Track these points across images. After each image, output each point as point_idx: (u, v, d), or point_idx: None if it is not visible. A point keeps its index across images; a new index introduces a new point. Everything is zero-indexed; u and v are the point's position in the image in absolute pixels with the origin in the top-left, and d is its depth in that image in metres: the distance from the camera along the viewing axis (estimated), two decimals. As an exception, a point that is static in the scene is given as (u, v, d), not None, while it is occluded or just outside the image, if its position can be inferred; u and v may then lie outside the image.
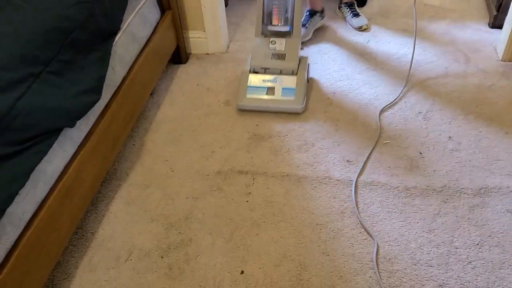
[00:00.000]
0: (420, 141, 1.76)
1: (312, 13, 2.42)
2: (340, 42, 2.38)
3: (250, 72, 1.97)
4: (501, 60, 2.14)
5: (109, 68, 1.55)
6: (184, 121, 1.94)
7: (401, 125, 1.84)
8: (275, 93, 1.91)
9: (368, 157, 1.70)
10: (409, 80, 2.07)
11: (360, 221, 1.48)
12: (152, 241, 1.47)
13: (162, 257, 1.42)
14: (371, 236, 1.43)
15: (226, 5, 2.77)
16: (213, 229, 1.49)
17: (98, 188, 1.52)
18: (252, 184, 1.63)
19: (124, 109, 1.65)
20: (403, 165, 1.66)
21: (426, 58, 2.21)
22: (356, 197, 1.56)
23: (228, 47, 2.40)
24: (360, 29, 2.46)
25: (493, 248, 1.37)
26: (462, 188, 1.56)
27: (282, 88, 1.91)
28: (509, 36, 2.07)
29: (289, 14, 1.96)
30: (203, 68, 2.25)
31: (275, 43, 1.98)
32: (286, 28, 1.97)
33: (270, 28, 1.99)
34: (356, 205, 1.53)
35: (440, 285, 1.29)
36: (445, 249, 1.39)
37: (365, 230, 1.45)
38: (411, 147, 1.73)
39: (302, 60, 1.99)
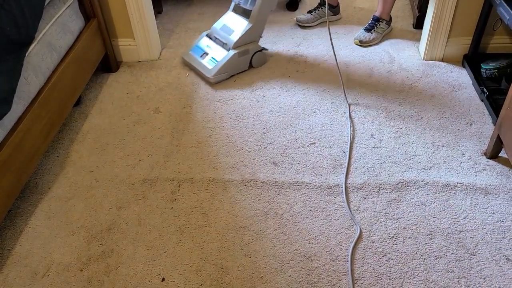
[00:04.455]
0: (344, 140, 1.81)
1: (322, 4, 2.55)
2: (274, 42, 2.41)
3: (205, 35, 2.26)
4: (423, 59, 2.24)
5: (22, 79, 1.51)
6: (112, 130, 1.91)
7: (327, 125, 1.89)
8: (205, 59, 2.16)
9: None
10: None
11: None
12: (72, 255, 1.43)
13: (81, 270, 1.39)
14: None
15: (160, 12, 2.76)
16: (135, 238, 1.48)
17: (12, 203, 1.47)
18: (178, 190, 1.63)
19: (42, 121, 1.61)
20: (327, 165, 1.71)
21: (354, 59, 2.28)
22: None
23: (160, 54, 2.38)
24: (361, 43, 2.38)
25: (407, 240, 1.43)
26: (381, 184, 1.62)
27: (211, 57, 2.14)
28: (428, 36, 2.16)
29: None
30: (134, 76, 2.23)
31: (236, 20, 2.17)
32: (246, 5, 2.12)
33: (235, 1, 2.20)
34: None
35: (356, 279, 1.33)
36: (363, 243, 1.43)
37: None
38: (335, 146, 1.78)
39: (251, 47, 2.15)
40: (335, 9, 2.56)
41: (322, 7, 2.53)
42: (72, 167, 1.74)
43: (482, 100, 1.95)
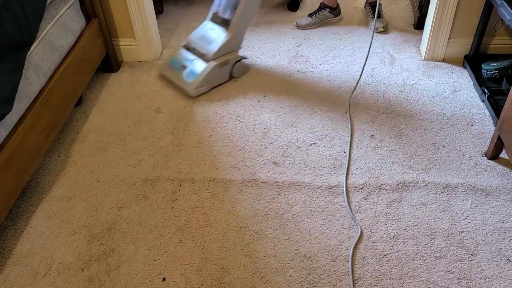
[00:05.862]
0: (344, 140, 1.81)
1: (322, 7, 2.54)
2: (275, 42, 2.41)
3: (182, 46, 2.15)
4: (424, 60, 2.24)
5: (23, 78, 1.51)
6: (113, 130, 1.91)
7: (328, 125, 1.89)
8: (183, 72, 2.04)
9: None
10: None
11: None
12: (73, 254, 1.44)
13: (82, 270, 1.39)
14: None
15: (161, 12, 2.76)
16: (136, 238, 1.48)
17: (13, 202, 1.47)
18: (179, 190, 1.63)
19: (43, 121, 1.61)
20: (327, 165, 1.71)
21: (355, 59, 2.28)
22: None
23: (161, 54, 2.39)
24: (376, 30, 2.47)
25: (407, 240, 1.43)
26: (381, 184, 1.62)
27: (190, 70, 2.03)
28: (429, 36, 2.16)
29: (231, 7, 2.04)
30: (135, 76, 2.23)
31: (214, 30, 2.09)
32: (225, 15, 2.06)
33: (213, 10, 2.13)
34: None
35: (356, 279, 1.33)
36: (363, 244, 1.43)
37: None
38: (336, 147, 1.78)
39: (230, 57, 2.05)
40: (335, 10, 2.56)
41: (322, 10, 2.53)
42: (73, 167, 1.74)
43: (483, 101, 1.95)
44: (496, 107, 1.85)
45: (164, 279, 1.36)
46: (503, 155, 1.68)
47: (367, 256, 1.39)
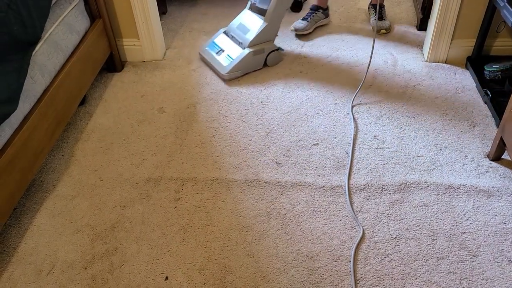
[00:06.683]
0: (347, 141, 1.81)
1: (315, 9, 2.53)
2: (278, 43, 2.42)
3: (224, 32, 2.29)
4: (426, 61, 2.25)
5: (28, 78, 1.53)
6: (116, 129, 1.92)
7: (330, 126, 1.89)
8: (220, 56, 2.19)
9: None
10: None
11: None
12: (76, 253, 1.44)
13: (85, 268, 1.40)
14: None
15: (164, 12, 2.78)
16: (139, 237, 1.49)
17: (17, 201, 1.48)
18: (182, 190, 1.64)
19: (47, 120, 1.62)
20: (329, 165, 1.71)
21: (357, 60, 2.28)
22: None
23: (165, 54, 2.40)
24: (379, 32, 2.48)
25: (409, 241, 1.43)
26: (384, 185, 1.62)
27: (227, 54, 2.17)
28: (432, 38, 2.17)
29: None
30: (138, 76, 2.24)
31: (252, 18, 2.20)
32: (261, 5, 2.15)
33: (252, 1, 2.23)
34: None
35: (358, 279, 1.34)
36: (365, 244, 1.43)
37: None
38: (338, 147, 1.79)
39: (266, 46, 2.17)
40: (326, 11, 2.55)
41: (315, 12, 2.52)
42: (76, 166, 1.75)
43: (485, 102, 1.96)
44: (498, 108, 1.86)
45: (166, 278, 1.36)
46: (505, 156, 1.69)
47: (369, 257, 1.40)
